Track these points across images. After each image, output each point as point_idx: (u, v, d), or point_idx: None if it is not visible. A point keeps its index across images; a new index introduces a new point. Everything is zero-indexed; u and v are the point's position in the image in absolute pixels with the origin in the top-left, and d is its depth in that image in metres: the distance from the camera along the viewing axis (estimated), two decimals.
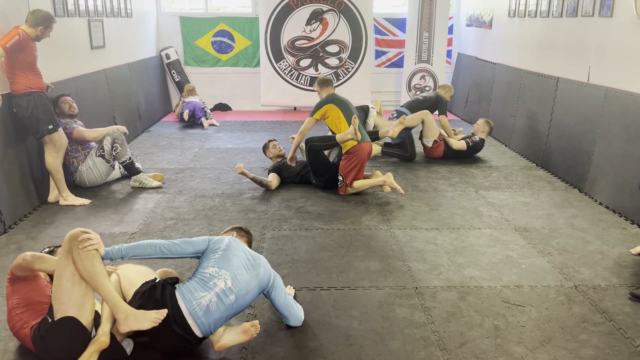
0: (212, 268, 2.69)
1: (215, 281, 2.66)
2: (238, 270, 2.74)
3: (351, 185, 5.08)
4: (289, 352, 2.75)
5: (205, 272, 2.69)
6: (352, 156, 5.02)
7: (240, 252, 2.83)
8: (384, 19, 9.63)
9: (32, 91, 4.50)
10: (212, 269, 2.69)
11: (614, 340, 2.87)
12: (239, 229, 3.17)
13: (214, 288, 2.64)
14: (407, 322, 3.02)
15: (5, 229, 4.25)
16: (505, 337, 2.88)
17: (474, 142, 6.38)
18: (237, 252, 2.81)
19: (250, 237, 3.19)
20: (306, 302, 3.23)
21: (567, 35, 5.81)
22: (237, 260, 2.77)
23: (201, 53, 9.50)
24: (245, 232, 3.18)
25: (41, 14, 4.45)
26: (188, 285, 2.64)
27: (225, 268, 2.71)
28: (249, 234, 3.19)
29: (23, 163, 4.69)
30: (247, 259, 2.83)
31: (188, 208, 4.78)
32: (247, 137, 7.52)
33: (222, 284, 2.66)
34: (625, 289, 3.38)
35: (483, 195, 5.13)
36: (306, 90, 9.26)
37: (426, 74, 9.44)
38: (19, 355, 2.74)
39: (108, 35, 6.91)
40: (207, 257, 2.77)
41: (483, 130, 6.47)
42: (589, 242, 4.09)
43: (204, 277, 2.67)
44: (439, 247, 3.98)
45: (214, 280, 2.66)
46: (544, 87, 6.19)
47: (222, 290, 2.65)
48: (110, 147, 5.20)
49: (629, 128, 4.57)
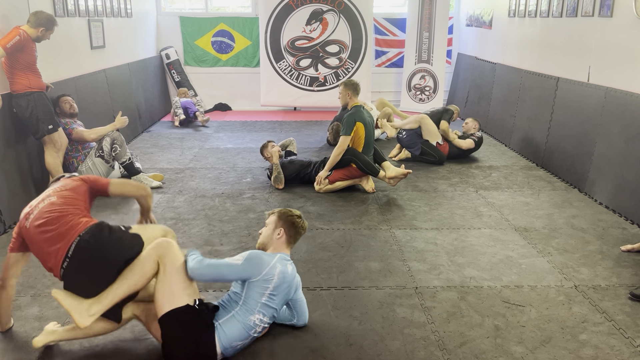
0: (258, 315, 2.63)
1: (257, 329, 2.67)
2: (279, 306, 2.73)
3: (331, 183, 5.20)
4: (289, 352, 2.75)
5: (250, 319, 2.62)
6: (353, 171, 5.16)
7: (284, 284, 2.70)
8: (384, 19, 9.63)
9: (32, 91, 4.50)
10: (257, 317, 2.63)
11: (614, 340, 2.87)
12: (290, 225, 2.86)
13: (253, 335, 2.67)
14: (407, 322, 3.02)
15: (5, 229, 4.25)
16: (505, 337, 2.88)
17: (478, 138, 6.47)
18: (282, 287, 2.69)
19: (302, 234, 2.94)
20: (306, 302, 3.22)
21: (567, 35, 5.81)
22: (279, 298, 2.70)
23: (201, 53, 9.50)
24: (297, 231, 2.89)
25: (43, 15, 4.45)
26: (230, 331, 2.59)
27: (270, 314, 2.68)
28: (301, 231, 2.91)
29: (23, 163, 4.69)
30: (287, 288, 2.74)
31: (188, 208, 4.78)
32: (247, 137, 7.52)
33: (260, 329, 2.69)
34: (625, 289, 3.38)
35: (483, 195, 5.13)
36: (306, 90, 9.27)
37: (426, 74, 9.44)
38: (19, 355, 2.74)
39: (108, 35, 6.91)
40: (254, 294, 2.63)
41: (474, 127, 6.57)
42: (589, 242, 4.09)
43: (248, 325, 2.62)
44: (439, 247, 3.98)
45: (256, 328, 2.66)
46: (544, 87, 6.19)
47: (259, 332, 2.70)
48: (110, 148, 5.20)
49: (628, 128, 4.57)
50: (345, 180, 5.22)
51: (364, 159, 5.09)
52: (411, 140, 6.26)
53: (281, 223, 2.86)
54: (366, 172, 5.12)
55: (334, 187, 5.21)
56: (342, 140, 5.13)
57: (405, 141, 6.33)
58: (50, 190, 2.78)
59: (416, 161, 6.28)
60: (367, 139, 5.22)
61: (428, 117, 6.29)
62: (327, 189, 5.20)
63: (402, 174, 5.05)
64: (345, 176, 5.19)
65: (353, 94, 5.30)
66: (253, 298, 2.63)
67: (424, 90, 9.48)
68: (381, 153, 5.38)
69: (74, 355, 2.73)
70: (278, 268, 2.68)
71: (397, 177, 5.08)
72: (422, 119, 6.25)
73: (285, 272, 2.70)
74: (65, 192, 2.74)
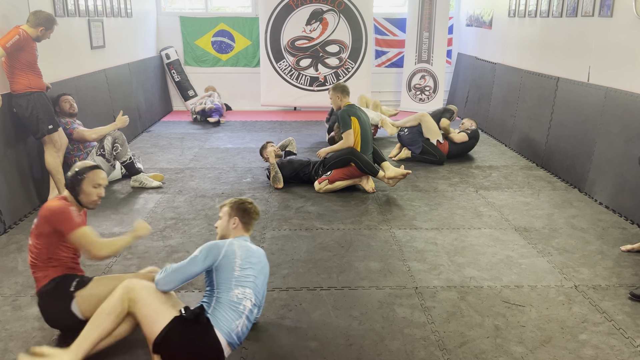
0: (238, 290, 2.60)
1: (244, 303, 2.61)
2: (256, 281, 2.69)
3: (331, 182, 5.19)
4: (289, 352, 2.75)
5: (232, 295, 2.59)
6: (353, 171, 5.16)
7: (253, 257, 2.72)
8: (384, 19, 9.63)
9: (32, 91, 4.50)
10: (238, 291, 2.60)
11: (614, 340, 2.87)
12: (243, 213, 2.89)
13: (244, 311, 2.60)
14: (407, 322, 3.02)
15: (5, 229, 4.25)
16: (505, 337, 2.88)
17: (472, 131, 6.51)
18: (251, 260, 2.70)
19: (256, 218, 2.93)
20: (306, 302, 3.23)
21: (567, 35, 5.81)
22: (252, 270, 2.69)
23: (201, 53, 9.50)
24: (250, 216, 2.90)
25: (43, 15, 4.45)
26: (222, 315, 2.56)
27: (249, 286, 2.64)
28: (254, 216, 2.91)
29: (23, 163, 4.69)
30: (258, 262, 2.75)
31: (188, 208, 4.78)
32: (247, 137, 7.52)
33: (249, 303, 2.62)
34: (625, 289, 3.38)
35: (483, 195, 5.13)
36: (306, 90, 9.26)
37: (426, 74, 9.44)
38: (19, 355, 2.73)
39: (108, 35, 6.91)
40: (225, 274, 2.62)
41: (471, 124, 6.64)
42: (589, 242, 4.09)
43: (233, 302, 2.59)
44: (439, 247, 3.98)
45: (242, 303, 2.60)
46: (544, 87, 6.19)
47: (249, 309, 2.63)
48: (111, 147, 5.20)
49: (628, 128, 4.57)
50: (345, 180, 5.22)
51: (363, 159, 5.09)
52: (412, 138, 6.26)
53: (234, 212, 2.88)
54: (365, 171, 5.12)
55: (334, 187, 5.21)
56: (345, 136, 5.18)
57: (406, 139, 6.33)
58: (32, 226, 2.86)
59: (416, 161, 6.28)
60: (364, 135, 5.23)
61: (429, 115, 6.30)
62: (327, 189, 5.20)
63: (401, 175, 5.06)
64: (346, 176, 5.19)
65: (342, 95, 5.37)
66: (225, 277, 2.61)
67: (424, 90, 9.48)
68: (381, 153, 5.38)
69: None
70: (235, 244, 2.70)
71: (396, 178, 5.08)
72: (422, 116, 6.26)
73: (247, 246, 2.73)
74: (32, 239, 2.83)
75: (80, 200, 2.87)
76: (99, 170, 2.92)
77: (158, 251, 3.89)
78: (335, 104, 5.45)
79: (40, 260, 2.79)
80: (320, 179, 5.24)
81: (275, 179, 5.29)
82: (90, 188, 2.86)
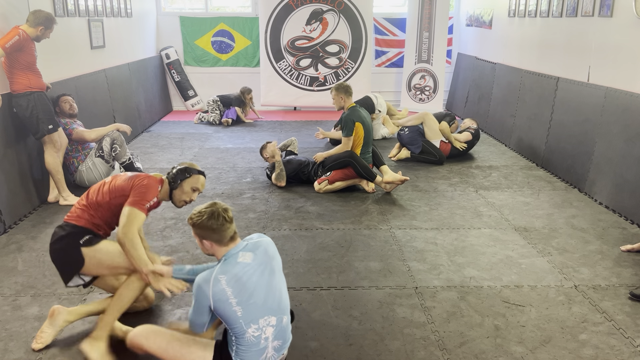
0: (250, 328, 2.30)
1: (264, 336, 2.33)
2: (267, 296, 2.35)
3: (331, 183, 5.20)
4: (289, 352, 2.75)
5: (248, 336, 2.31)
6: (352, 171, 5.15)
7: (250, 282, 2.32)
8: (384, 18, 9.63)
9: (32, 91, 4.50)
10: (251, 330, 2.30)
11: (614, 340, 2.87)
12: (210, 232, 2.37)
13: (266, 342, 2.35)
14: (407, 322, 3.02)
15: (5, 229, 4.25)
16: (505, 337, 2.88)
17: (475, 130, 6.53)
18: (248, 285, 2.31)
19: (228, 224, 2.39)
20: (306, 302, 3.23)
21: (567, 35, 5.81)
22: (256, 296, 2.32)
23: (201, 53, 9.50)
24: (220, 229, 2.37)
25: (42, 14, 4.45)
26: (247, 355, 2.33)
27: (261, 315, 2.32)
28: (224, 224, 2.38)
29: (23, 163, 4.69)
30: (258, 279, 2.35)
31: (188, 208, 4.77)
32: (247, 137, 7.52)
33: (269, 330, 2.35)
34: (625, 289, 3.38)
35: (483, 195, 5.13)
36: (306, 90, 9.27)
37: (426, 74, 9.44)
38: (19, 355, 2.74)
39: (108, 35, 6.91)
40: (229, 319, 2.30)
41: (472, 124, 6.67)
42: (589, 242, 4.09)
43: (252, 343, 2.32)
44: (439, 247, 3.98)
45: (262, 336, 2.33)
46: (544, 87, 6.19)
47: (273, 333, 2.37)
48: (110, 148, 5.20)
49: (628, 128, 4.57)
50: (344, 181, 5.22)
51: (362, 164, 5.09)
52: (412, 138, 6.26)
53: (201, 234, 2.41)
54: (364, 176, 5.11)
55: (333, 187, 5.21)
56: (345, 141, 5.17)
57: (406, 138, 6.32)
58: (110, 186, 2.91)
59: (416, 161, 6.28)
60: (366, 138, 5.23)
61: (431, 114, 6.30)
62: (327, 189, 5.20)
63: (399, 180, 5.04)
64: (345, 176, 5.19)
65: (346, 96, 5.33)
66: (231, 321, 2.30)
67: (424, 90, 9.48)
68: (380, 156, 5.37)
69: (75, 354, 2.73)
70: (223, 279, 2.28)
71: (393, 183, 5.07)
72: (425, 115, 6.27)
73: (238, 273, 2.31)
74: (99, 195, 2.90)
75: (172, 194, 2.95)
76: (203, 178, 3.05)
77: (158, 251, 3.89)
78: (337, 104, 5.41)
79: (92, 207, 2.83)
80: (319, 179, 5.24)
81: (280, 176, 5.29)
82: (189, 188, 2.96)
